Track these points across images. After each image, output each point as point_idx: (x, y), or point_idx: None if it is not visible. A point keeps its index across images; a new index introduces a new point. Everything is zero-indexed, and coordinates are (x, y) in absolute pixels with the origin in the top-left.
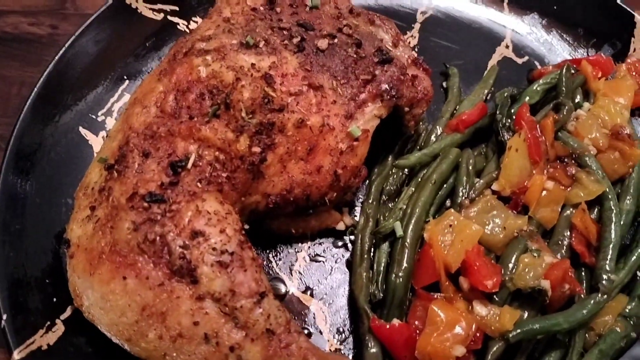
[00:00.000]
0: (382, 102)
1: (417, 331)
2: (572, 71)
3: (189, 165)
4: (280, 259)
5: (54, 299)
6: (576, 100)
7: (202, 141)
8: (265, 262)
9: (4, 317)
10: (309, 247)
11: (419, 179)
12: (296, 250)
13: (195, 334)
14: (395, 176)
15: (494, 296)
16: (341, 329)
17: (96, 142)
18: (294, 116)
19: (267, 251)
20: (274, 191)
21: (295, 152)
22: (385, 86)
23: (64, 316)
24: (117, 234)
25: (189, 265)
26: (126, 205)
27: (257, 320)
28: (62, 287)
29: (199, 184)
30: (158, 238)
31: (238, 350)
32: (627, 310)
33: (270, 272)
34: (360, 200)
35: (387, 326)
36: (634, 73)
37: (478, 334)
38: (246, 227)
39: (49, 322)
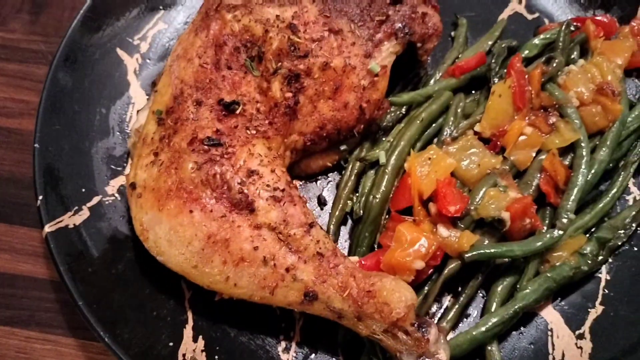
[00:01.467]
0: (397, 39)
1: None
2: (574, 29)
3: (237, 112)
4: None
5: (82, 190)
6: (572, 56)
7: (244, 95)
8: None
9: (40, 197)
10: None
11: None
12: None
13: (255, 258)
14: (392, 114)
15: (459, 222)
16: None
17: (130, 62)
18: (318, 60)
19: None
20: (308, 129)
21: (323, 93)
22: (398, 25)
23: (89, 204)
24: (182, 173)
25: (247, 199)
26: (188, 149)
27: (308, 245)
28: (89, 180)
29: (247, 131)
30: (219, 176)
31: (293, 271)
32: (584, 249)
33: None
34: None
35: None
36: (637, 36)
37: (439, 253)
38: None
39: (76, 207)
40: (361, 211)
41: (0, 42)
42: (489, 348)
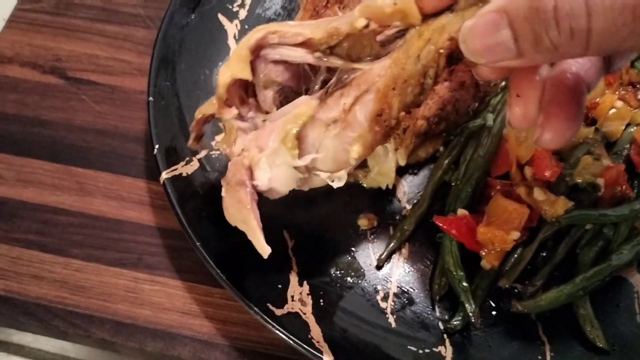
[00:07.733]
0: None
1: (481, 219)
2: None
3: None
4: None
5: None
6: None
7: None
8: None
9: (156, 146)
10: None
11: None
12: None
13: None
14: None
15: (554, 187)
16: (415, 202)
17: (230, 28)
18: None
19: None
20: (430, 113)
21: (441, 76)
22: None
23: (199, 156)
24: None
25: None
26: None
27: None
28: None
29: None
30: None
31: None
32: None
33: None
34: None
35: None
36: None
37: (534, 217)
38: None
39: (188, 158)
40: (461, 176)
41: (101, 5)
42: (581, 303)
